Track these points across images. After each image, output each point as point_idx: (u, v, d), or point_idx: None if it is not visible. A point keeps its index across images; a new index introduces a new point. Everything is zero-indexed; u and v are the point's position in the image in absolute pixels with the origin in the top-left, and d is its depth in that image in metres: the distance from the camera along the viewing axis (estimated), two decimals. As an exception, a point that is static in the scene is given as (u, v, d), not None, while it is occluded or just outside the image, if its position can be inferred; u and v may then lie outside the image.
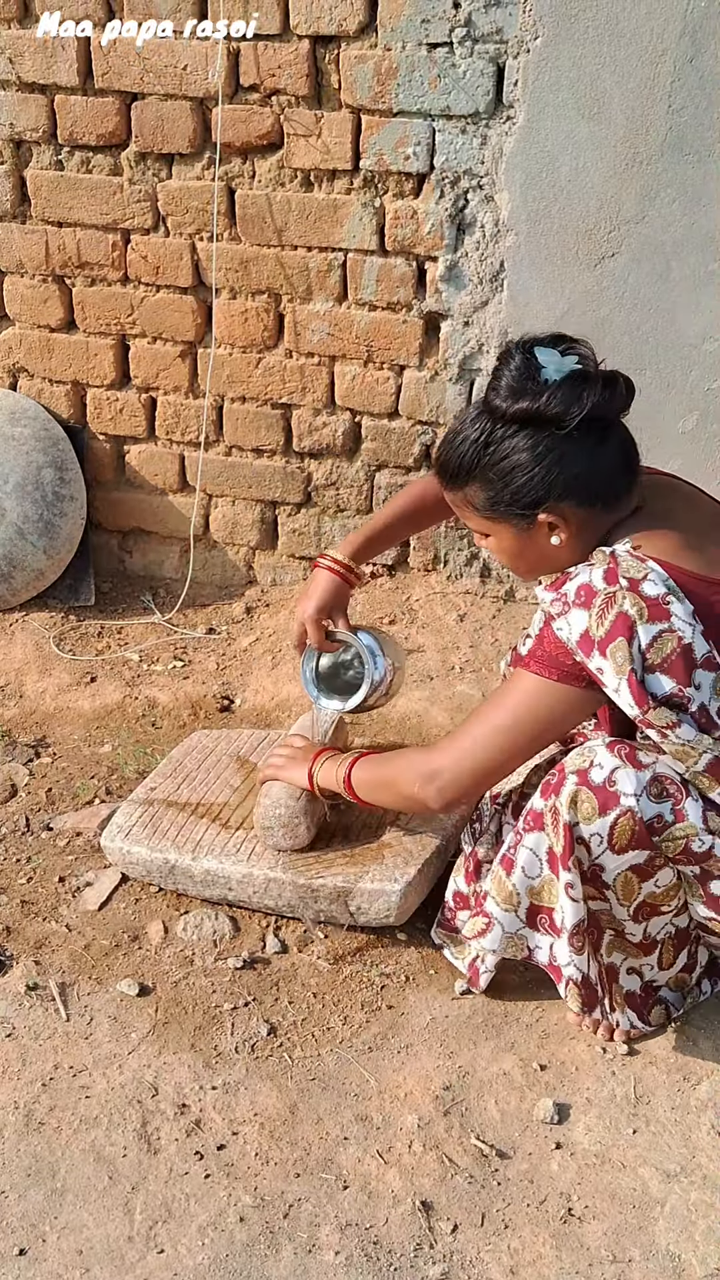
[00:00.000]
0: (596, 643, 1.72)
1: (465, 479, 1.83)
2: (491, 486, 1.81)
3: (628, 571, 1.74)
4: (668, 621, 1.71)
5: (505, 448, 1.78)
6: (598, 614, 1.73)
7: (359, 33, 2.71)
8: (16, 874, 2.33)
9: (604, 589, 1.73)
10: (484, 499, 1.83)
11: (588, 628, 1.73)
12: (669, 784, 1.78)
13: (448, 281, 2.87)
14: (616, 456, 1.80)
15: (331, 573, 2.19)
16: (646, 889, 1.83)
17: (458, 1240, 1.69)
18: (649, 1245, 1.68)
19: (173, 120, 2.90)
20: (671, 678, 1.72)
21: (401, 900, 2.08)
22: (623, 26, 2.55)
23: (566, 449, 1.76)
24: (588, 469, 1.77)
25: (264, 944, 2.16)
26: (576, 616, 1.75)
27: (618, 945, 1.93)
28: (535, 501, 1.79)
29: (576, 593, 1.76)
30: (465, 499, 1.86)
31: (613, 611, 1.71)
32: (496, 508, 1.82)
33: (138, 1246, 1.68)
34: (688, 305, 2.76)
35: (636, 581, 1.72)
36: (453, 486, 1.87)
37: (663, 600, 1.72)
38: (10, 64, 2.93)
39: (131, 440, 3.27)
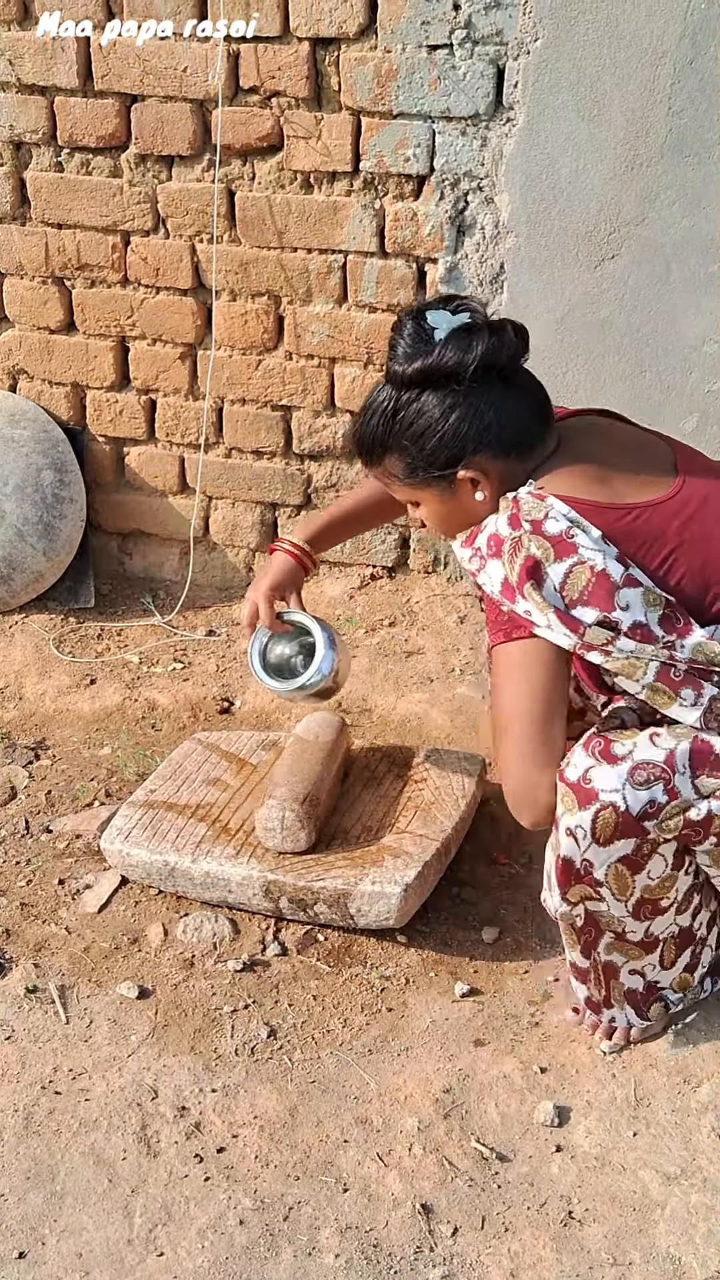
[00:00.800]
0: (515, 587, 1.76)
1: (382, 452, 1.86)
2: (407, 453, 1.84)
3: (529, 514, 1.77)
4: (575, 555, 1.74)
5: (411, 411, 1.81)
6: (508, 559, 1.77)
7: (359, 35, 2.71)
8: (16, 876, 2.33)
9: (509, 534, 1.77)
10: (403, 467, 1.86)
11: (505, 575, 1.77)
12: (652, 767, 1.77)
13: (448, 283, 2.87)
14: (525, 403, 1.82)
15: (288, 555, 2.20)
16: (640, 882, 1.82)
17: (458, 1243, 1.69)
18: (649, 1248, 1.68)
19: (173, 122, 2.90)
20: (594, 607, 1.74)
21: (401, 903, 2.08)
22: (623, 28, 2.55)
23: (471, 401, 1.79)
24: (496, 419, 1.79)
25: (264, 946, 2.16)
26: (493, 567, 1.79)
27: (618, 948, 1.93)
28: (452, 459, 1.81)
29: (487, 543, 1.80)
30: (386, 471, 1.89)
31: (520, 555, 1.75)
32: (416, 473, 1.85)
33: (137, 1249, 1.68)
34: (688, 307, 2.76)
35: (539, 522, 1.76)
36: (372, 462, 1.89)
37: (566, 535, 1.75)
38: (10, 66, 2.93)
39: (131, 442, 3.27)
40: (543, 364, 2.87)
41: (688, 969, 1.97)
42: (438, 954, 2.15)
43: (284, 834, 2.16)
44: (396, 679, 2.90)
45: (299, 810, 2.15)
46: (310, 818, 2.17)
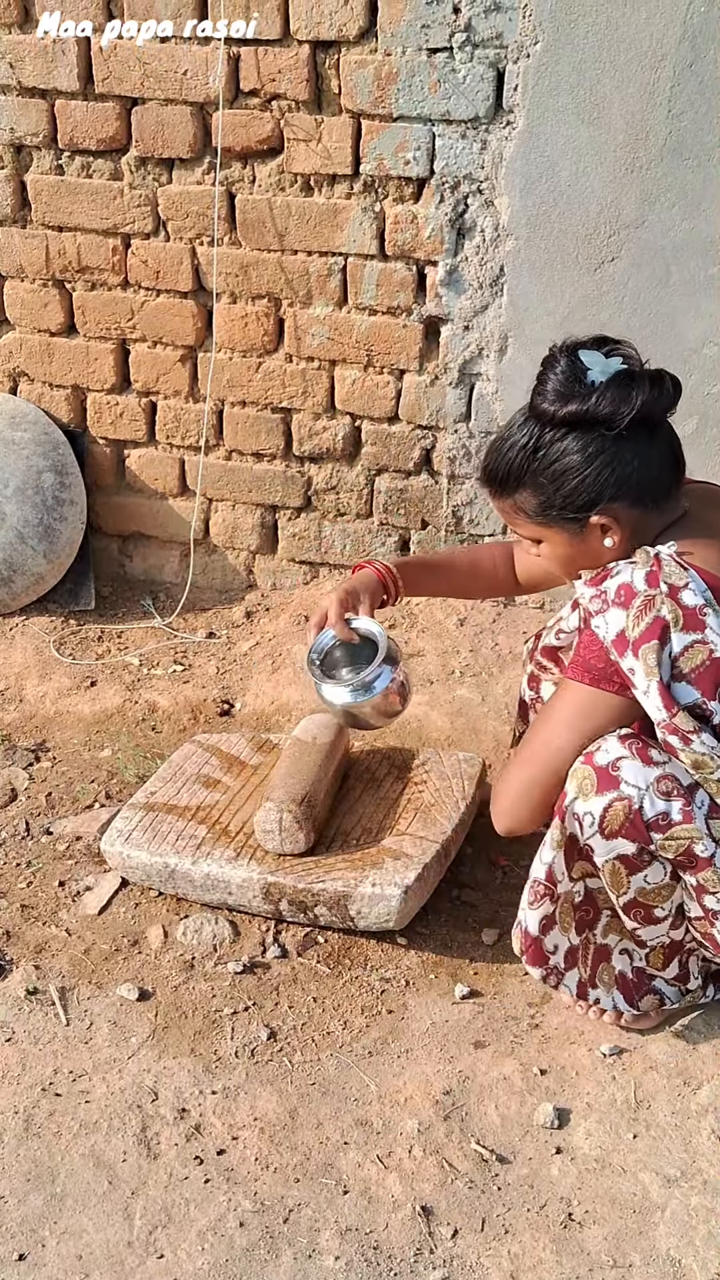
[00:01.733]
0: (631, 643, 1.73)
1: (515, 485, 1.83)
2: (543, 491, 1.81)
3: (669, 577, 1.74)
4: (702, 633, 1.72)
5: (555, 451, 1.78)
6: (635, 615, 1.73)
7: (359, 38, 2.71)
8: (16, 878, 2.33)
9: (644, 590, 1.74)
10: (535, 504, 1.83)
11: (624, 628, 1.74)
12: (678, 785, 1.78)
13: (448, 286, 2.87)
14: (665, 455, 1.80)
15: (374, 571, 2.13)
16: (636, 883, 1.82)
17: (458, 1245, 1.69)
18: (649, 1250, 1.68)
19: (173, 125, 2.90)
20: (698, 689, 1.73)
21: (401, 905, 2.08)
22: (622, 32, 2.56)
23: (617, 449, 1.76)
24: (639, 469, 1.77)
25: (264, 948, 2.16)
26: (614, 616, 1.75)
27: (614, 927, 1.94)
28: (588, 504, 1.79)
29: (617, 592, 1.76)
30: (515, 506, 1.85)
31: (650, 615, 1.72)
32: (549, 512, 1.82)
33: (137, 1251, 1.68)
34: (687, 310, 2.76)
35: (677, 589, 1.73)
36: (501, 494, 1.86)
37: (700, 611, 1.72)
38: (11, 69, 2.94)
39: (132, 444, 3.27)
40: (543, 366, 2.87)
41: (678, 978, 1.97)
42: (438, 956, 2.15)
43: (282, 836, 2.16)
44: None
45: (297, 812, 2.15)
46: (308, 819, 2.17)
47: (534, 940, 1.92)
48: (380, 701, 2.04)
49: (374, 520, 3.16)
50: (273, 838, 2.16)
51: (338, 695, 2.03)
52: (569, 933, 1.93)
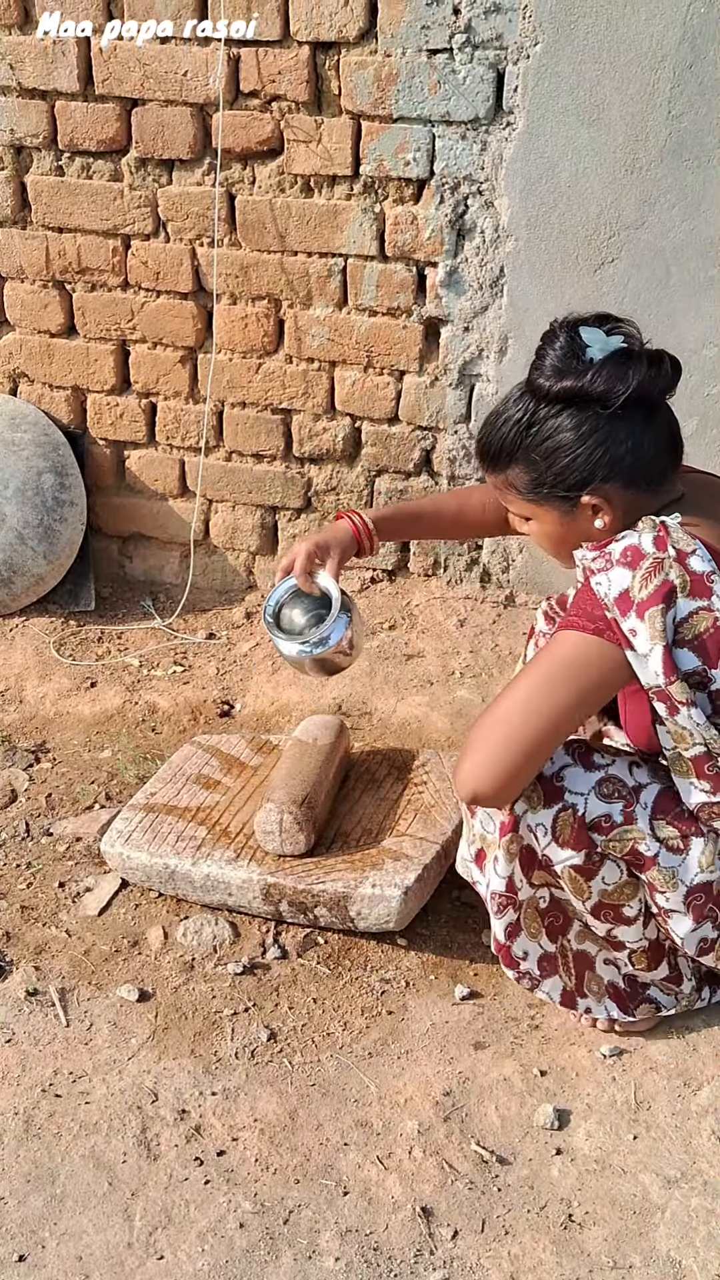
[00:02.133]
0: (636, 604, 1.68)
1: (508, 460, 1.79)
2: (535, 468, 1.77)
3: (678, 543, 1.70)
4: (708, 600, 1.68)
5: (549, 427, 1.74)
6: (643, 576, 1.68)
7: (359, 39, 2.71)
8: (16, 879, 2.33)
9: (653, 553, 1.69)
10: (527, 481, 1.79)
11: (629, 588, 1.68)
12: (620, 785, 1.79)
13: (448, 287, 2.87)
14: (663, 437, 1.77)
15: (350, 525, 2.10)
16: (596, 886, 1.83)
17: (458, 1246, 1.69)
18: (649, 1251, 1.68)
19: (173, 126, 2.90)
20: (699, 656, 1.69)
21: (402, 905, 2.08)
22: (622, 33, 2.56)
23: (612, 428, 1.73)
24: (633, 449, 1.74)
25: (264, 949, 2.15)
26: (618, 574, 1.70)
27: (588, 936, 1.94)
28: (580, 482, 1.75)
29: (623, 553, 1.71)
30: (507, 481, 1.82)
31: (658, 577, 1.67)
32: (540, 490, 1.78)
33: (137, 1253, 1.68)
34: (687, 311, 2.76)
35: (685, 554, 1.69)
36: (495, 468, 1.82)
37: (708, 578, 1.68)
38: (11, 70, 2.94)
39: (132, 445, 3.27)
40: (543, 367, 2.87)
41: (670, 979, 1.97)
42: (438, 957, 2.15)
43: (283, 837, 2.16)
44: (396, 682, 2.90)
45: (297, 813, 2.15)
46: (308, 820, 2.17)
47: (503, 947, 1.93)
48: (327, 657, 2.07)
49: (374, 521, 3.15)
50: (273, 839, 2.16)
51: (287, 648, 2.08)
52: (539, 939, 1.92)
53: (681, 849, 1.79)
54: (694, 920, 1.81)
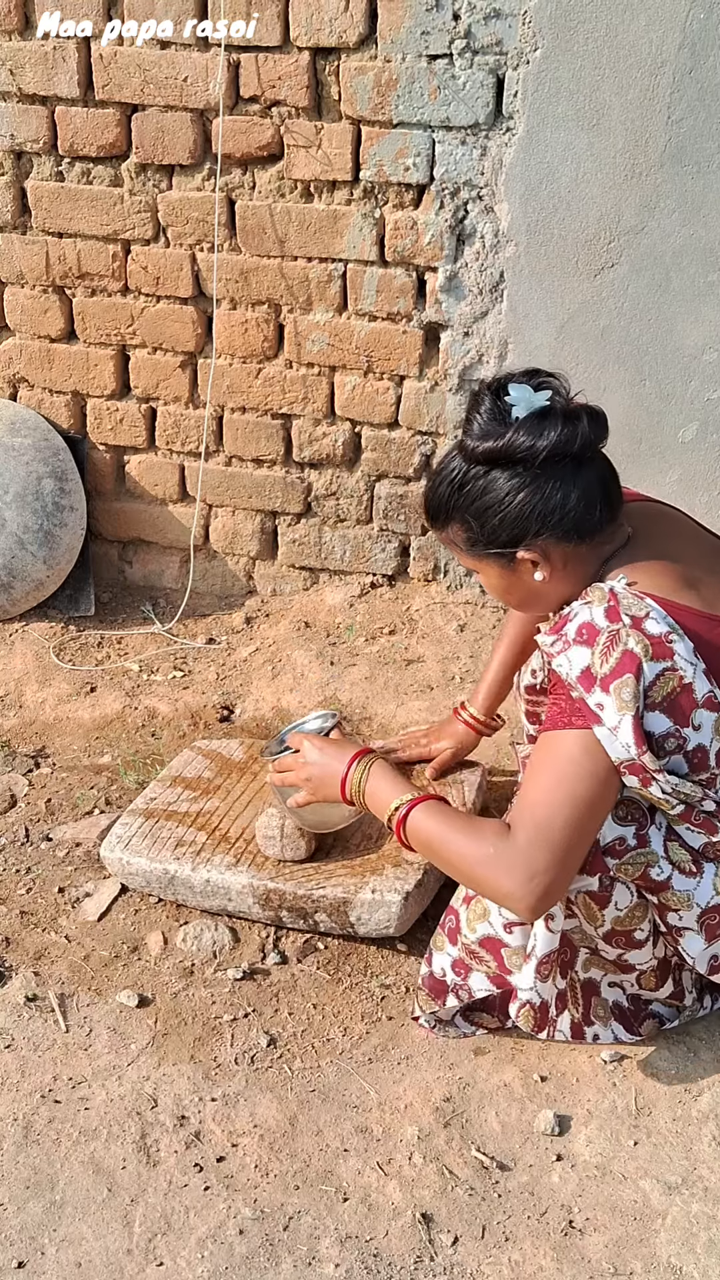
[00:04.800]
0: (599, 679, 1.70)
1: (445, 520, 1.84)
2: (469, 528, 1.81)
3: (629, 609, 1.72)
4: (670, 660, 1.70)
5: (478, 487, 1.78)
6: (602, 651, 1.70)
7: (359, 44, 2.72)
8: (16, 885, 2.33)
9: (607, 626, 1.72)
10: (464, 539, 1.84)
11: (589, 664, 1.71)
12: (634, 808, 1.79)
13: (448, 292, 2.87)
14: (593, 490, 1.77)
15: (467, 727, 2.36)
16: (610, 914, 1.83)
17: (458, 1253, 1.68)
18: (650, 1258, 1.68)
19: (173, 131, 2.90)
20: (670, 717, 1.71)
21: (402, 911, 2.08)
22: (622, 38, 2.56)
23: (539, 484, 1.75)
24: (562, 503, 1.75)
25: (264, 955, 2.15)
26: (577, 653, 1.72)
27: (595, 962, 1.94)
28: (513, 539, 1.79)
29: (578, 631, 1.74)
30: (449, 539, 1.87)
31: (618, 649, 1.70)
32: (476, 547, 1.83)
33: (137, 1259, 1.67)
34: (687, 316, 2.76)
35: (639, 619, 1.71)
36: (436, 527, 1.88)
37: (666, 638, 1.70)
38: (11, 75, 2.94)
39: (132, 450, 3.27)
40: (543, 372, 2.87)
41: (673, 996, 1.97)
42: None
43: (284, 842, 2.15)
44: (396, 687, 2.90)
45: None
46: None
47: (543, 1006, 1.88)
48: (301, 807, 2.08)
49: (374, 526, 3.16)
50: (274, 844, 2.16)
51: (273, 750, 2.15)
52: (554, 979, 1.91)
53: (694, 872, 1.79)
54: (706, 940, 1.82)
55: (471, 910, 1.94)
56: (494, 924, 1.91)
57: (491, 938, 1.92)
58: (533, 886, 1.68)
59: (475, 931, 1.93)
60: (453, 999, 1.96)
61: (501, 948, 1.91)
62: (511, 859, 1.69)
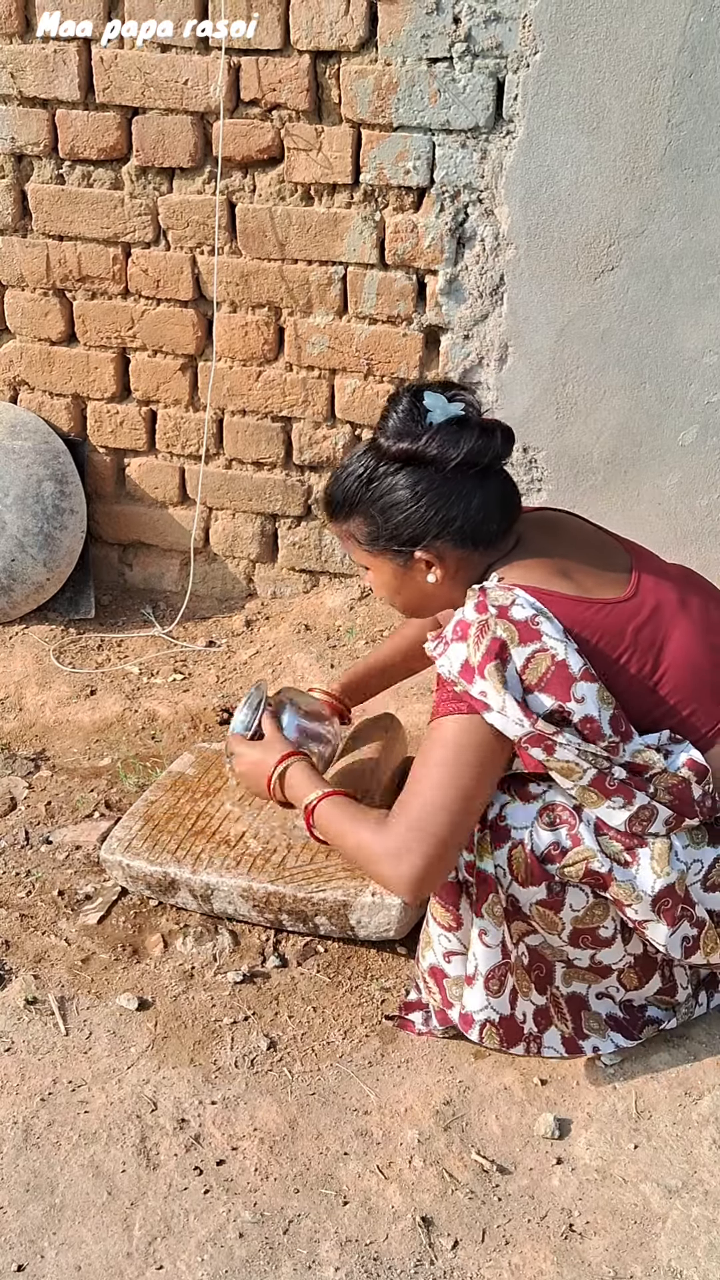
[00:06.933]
0: (476, 667, 1.74)
1: (349, 513, 1.87)
2: (372, 522, 1.85)
3: (495, 600, 1.77)
4: (539, 641, 1.74)
5: (387, 484, 1.82)
6: (474, 642, 1.76)
7: (359, 48, 2.72)
8: (16, 888, 2.33)
9: (476, 619, 1.77)
10: (365, 533, 1.87)
11: (466, 657, 1.76)
12: (560, 810, 1.80)
13: (448, 295, 2.87)
14: (493, 501, 1.83)
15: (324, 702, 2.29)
16: (567, 916, 1.84)
17: (458, 1256, 1.68)
18: (650, 1261, 1.68)
19: (173, 134, 2.91)
20: (550, 694, 1.74)
21: (402, 914, 2.08)
22: (622, 42, 2.56)
23: (444, 490, 1.80)
24: (464, 511, 1.81)
25: (264, 958, 2.15)
26: (455, 650, 1.78)
27: (575, 975, 1.93)
28: (413, 539, 1.83)
29: (454, 629, 1.80)
30: (348, 532, 1.90)
31: (486, 637, 1.75)
32: (376, 542, 1.86)
33: (136, 1263, 1.67)
34: (687, 319, 2.76)
35: (505, 608, 1.76)
36: (336, 519, 1.91)
37: (531, 622, 1.75)
38: (11, 78, 2.94)
39: (132, 453, 3.27)
40: (542, 377, 2.88)
41: (664, 991, 1.96)
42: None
43: None
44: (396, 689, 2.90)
45: None
46: None
47: (508, 1019, 1.90)
48: None
49: (374, 529, 3.16)
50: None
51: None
52: (530, 995, 1.91)
53: (630, 861, 1.79)
54: (669, 925, 1.80)
55: (422, 938, 1.97)
56: (436, 953, 1.95)
57: (435, 968, 1.95)
58: (405, 869, 1.77)
59: (424, 960, 1.97)
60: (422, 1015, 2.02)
61: (443, 978, 1.95)
62: (387, 844, 1.78)
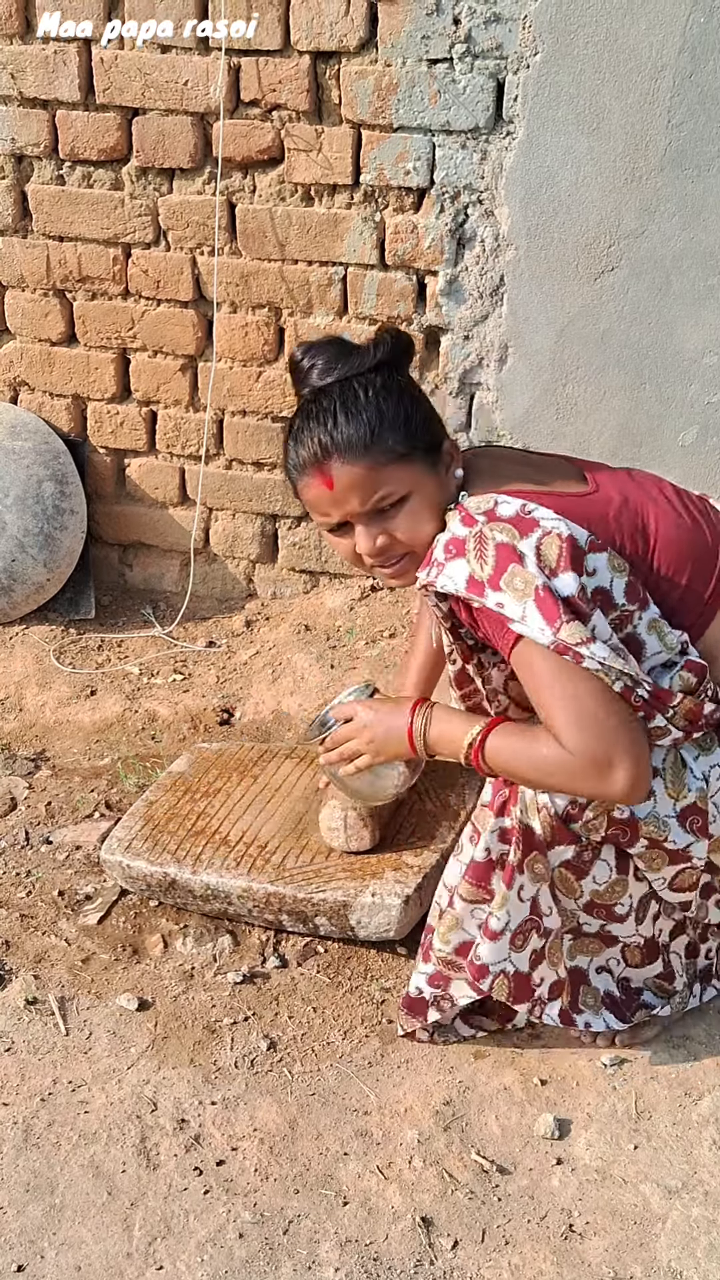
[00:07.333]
0: (486, 581, 1.67)
1: (375, 438, 1.74)
2: (397, 432, 1.74)
3: (478, 508, 1.72)
4: (539, 528, 1.68)
5: (383, 393, 1.75)
6: (475, 556, 1.68)
7: (359, 49, 2.72)
8: (16, 888, 2.33)
9: (467, 532, 1.70)
10: (401, 448, 1.75)
11: (471, 572, 1.68)
12: None
13: (448, 296, 2.88)
14: None
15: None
16: (588, 886, 1.84)
17: (458, 1257, 1.68)
18: (650, 1262, 1.68)
19: (174, 135, 2.91)
20: (571, 571, 1.67)
21: (402, 914, 2.08)
22: (622, 43, 2.56)
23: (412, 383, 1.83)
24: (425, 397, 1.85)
25: (264, 958, 2.15)
26: (454, 567, 1.70)
27: (579, 947, 1.93)
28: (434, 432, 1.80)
29: (445, 549, 1.72)
30: (377, 467, 1.74)
31: (489, 546, 1.67)
32: (416, 447, 1.76)
33: (136, 1263, 1.67)
34: (687, 319, 2.77)
35: (490, 511, 1.71)
36: (360, 457, 1.74)
37: (522, 512, 1.70)
38: (12, 79, 2.94)
39: (132, 454, 3.27)
40: (542, 377, 2.88)
41: (662, 976, 1.97)
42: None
43: (348, 834, 2.15)
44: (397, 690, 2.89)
45: (361, 809, 2.14)
46: (375, 816, 2.15)
47: (523, 977, 1.88)
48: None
49: (374, 529, 3.16)
50: (338, 835, 2.17)
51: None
52: (557, 966, 1.91)
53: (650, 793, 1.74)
54: (704, 837, 1.78)
55: (444, 923, 1.93)
56: (468, 929, 1.90)
57: (466, 943, 1.91)
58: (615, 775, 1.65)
59: (449, 943, 1.93)
60: (434, 1012, 1.95)
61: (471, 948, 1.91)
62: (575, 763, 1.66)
